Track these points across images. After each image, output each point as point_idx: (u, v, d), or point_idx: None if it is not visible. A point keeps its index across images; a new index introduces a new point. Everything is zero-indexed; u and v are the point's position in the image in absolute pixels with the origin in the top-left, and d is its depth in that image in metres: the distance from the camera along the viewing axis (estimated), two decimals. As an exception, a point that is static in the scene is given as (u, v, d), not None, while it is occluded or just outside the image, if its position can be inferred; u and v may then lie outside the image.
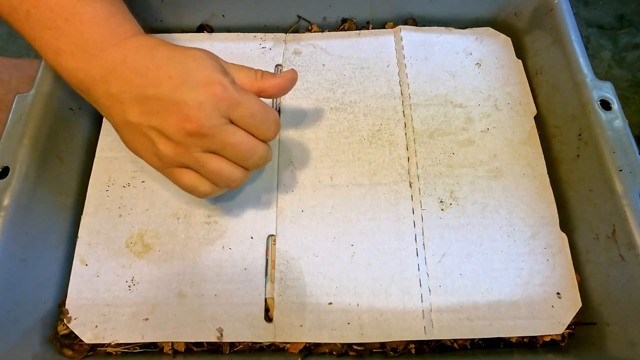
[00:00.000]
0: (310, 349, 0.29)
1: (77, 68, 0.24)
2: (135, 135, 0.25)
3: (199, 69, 0.24)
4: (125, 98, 0.24)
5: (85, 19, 0.24)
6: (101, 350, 0.28)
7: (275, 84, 0.27)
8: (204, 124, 0.23)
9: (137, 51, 0.24)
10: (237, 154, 0.25)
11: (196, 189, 0.26)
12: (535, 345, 0.29)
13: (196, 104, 0.23)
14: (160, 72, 0.23)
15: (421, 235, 0.31)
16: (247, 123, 0.25)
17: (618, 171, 0.29)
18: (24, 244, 0.28)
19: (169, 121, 0.23)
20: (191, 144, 0.24)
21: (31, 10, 0.24)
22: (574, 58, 0.33)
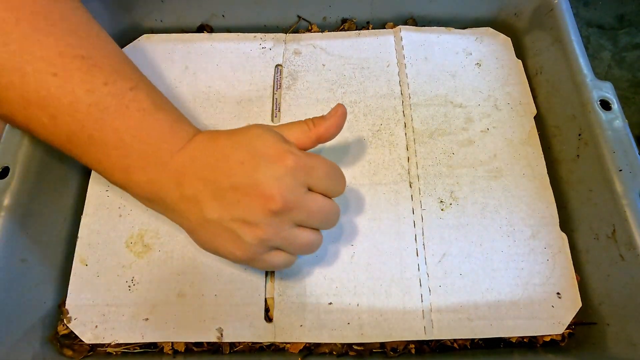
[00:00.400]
0: (310, 349, 0.29)
1: (149, 181, 0.24)
2: (216, 233, 0.24)
3: (265, 146, 0.23)
4: (202, 197, 0.23)
5: (152, 132, 0.24)
6: (101, 350, 0.28)
7: (330, 125, 0.26)
8: (288, 199, 0.22)
9: (202, 148, 0.24)
10: (321, 219, 0.25)
11: (286, 265, 0.26)
12: (535, 345, 0.29)
13: (275, 181, 0.22)
14: (230, 161, 0.23)
15: (421, 235, 0.31)
16: (323, 185, 0.24)
17: (618, 171, 0.29)
18: (24, 244, 0.28)
19: (252, 207, 0.23)
20: (279, 223, 0.23)
21: (94, 134, 0.23)
22: (574, 58, 0.33)
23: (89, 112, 0.23)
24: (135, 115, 0.24)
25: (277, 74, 0.38)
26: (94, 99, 0.23)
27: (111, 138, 0.23)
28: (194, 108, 0.36)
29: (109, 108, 0.23)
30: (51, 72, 0.22)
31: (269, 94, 0.37)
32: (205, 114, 0.36)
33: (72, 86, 0.22)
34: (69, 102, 0.22)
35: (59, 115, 0.23)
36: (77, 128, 0.23)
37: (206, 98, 0.36)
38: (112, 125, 0.23)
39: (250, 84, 0.37)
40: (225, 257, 0.25)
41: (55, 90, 0.22)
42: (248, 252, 0.24)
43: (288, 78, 0.37)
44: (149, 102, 0.25)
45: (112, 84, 0.23)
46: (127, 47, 0.39)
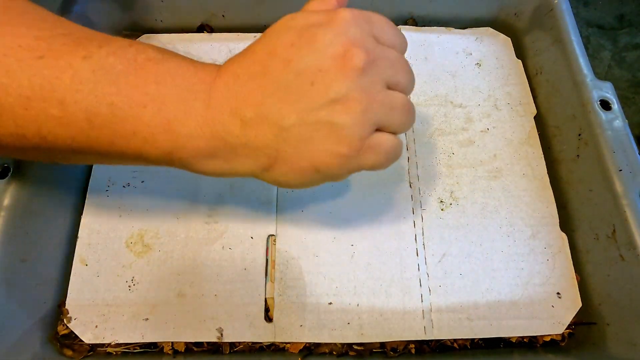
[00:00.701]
0: (310, 349, 0.29)
1: (200, 124, 0.20)
2: (306, 139, 0.19)
3: (305, 18, 0.20)
4: (267, 108, 0.19)
5: (176, 73, 0.20)
6: (101, 350, 0.28)
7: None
8: (367, 46, 0.19)
9: (238, 64, 0.20)
10: (405, 70, 0.21)
11: (397, 148, 0.21)
12: (535, 345, 0.29)
13: (343, 36, 0.18)
14: (278, 52, 0.19)
15: (421, 235, 0.31)
16: (388, 34, 0.21)
17: (618, 171, 0.29)
18: (24, 244, 0.28)
19: (331, 79, 0.18)
20: (369, 83, 0.19)
21: (114, 100, 0.19)
22: (574, 58, 0.33)
23: (96, 78, 0.19)
24: (148, 65, 0.20)
25: (277, 74, 0.38)
26: (96, 63, 0.19)
27: (134, 96, 0.19)
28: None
29: (115, 67, 0.19)
30: (36, 56, 0.19)
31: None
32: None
33: (66, 60, 0.19)
34: (70, 77, 0.19)
35: (67, 97, 0.19)
36: (93, 102, 0.19)
37: (206, 98, 0.36)
38: (128, 82, 0.19)
39: (250, 84, 0.37)
40: (330, 169, 0.20)
41: (49, 71, 0.19)
42: (353, 139, 0.19)
43: (288, 78, 0.37)
44: (156, 50, 0.21)
45: (107, 45, 0.20)
46: (127, 47, 0.39)
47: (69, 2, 0.35)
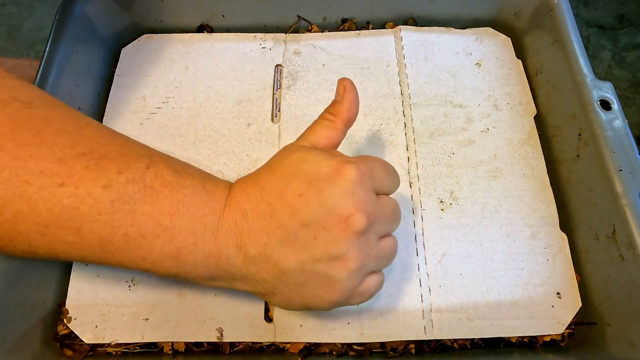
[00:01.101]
0: (310, 349, 0.29)
1: (206, 256, 0.21)
2: (301, 284, 0.21)
3: (315, 167, 0.21)
4: (270, 250, 0.20)
5: (189, 203, 0.21)
6: (101, 350, 0.28)
7: (349, 104, 0.24)
8: (369, 211, 0.20)
9: (247, 198, 0.21)
10: (396, 220, 0.23)
11: (380, 286, 0.23)
12: (535, 345, 0.29)
13: (349, 198, 0.20)
14: (286, 198, 0.20)
15: (421, 235, 0.31)
16: (387, 183, 0.22)
17: (618, 171, 0.29)
18: (24, 244, 0.28)
19: (333, 238, 0.20)
20: (366, 243, 0.21)
21: (129, 231, 0.20)
22: (574, 58, 0.33)
23: (114, 209, 0.20)
24: (164, 192, 0.21)
25: (277, 74, 0.38)
26: (115, 193, 0.20)
27: (149, 227, 0.20)
28: (194, 108, 0.36)
29: (133, 196, 0.20)
30: (57, 183, 0.19)
31: (269, 94, 0.37)
32: (205, 114, 0.36)
33: (86, 189, 0.19)
34: (89, 207, 0.19)
35: (84, 226, 0.20)
36: (108, 231, 0.20)
37: (206, 98, 0.36)
38: (144, 212, 0.20)
39: (250, 84, 0.37)
40: (317, 309, 0.22)
41: (69, 200, 0.19)
42: (345, 290, 0.21)
43: (288, 78, 0.37)
44: (171, 172, 0.22)
45: (126, 170, 0.20)
46: (127, 47, 0.39)
47: (69, 2, 0.35)
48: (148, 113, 0.36)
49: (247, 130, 0.35)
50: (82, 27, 0.35)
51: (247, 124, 0.35)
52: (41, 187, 0.19)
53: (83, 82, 0.35)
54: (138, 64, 0.38)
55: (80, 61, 0.35)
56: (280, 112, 0.36)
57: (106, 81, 0.37)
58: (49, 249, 0.20)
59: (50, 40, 0.33)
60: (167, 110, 0.36)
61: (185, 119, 0.35)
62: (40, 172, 0.19)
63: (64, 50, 0.33)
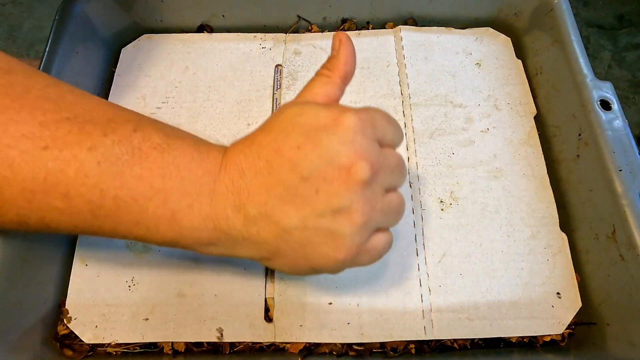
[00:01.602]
0: (310, 349, 0.29)
1: (203, 218, 0.20)
2: (305, 242, 0.20)
3: (313, 118, 0.20)
4: (270, 208, 0.19)
5: (181, 164, 0.20)
6: (101, 350, 0.28)
7: (345, 57, 0.22)
8: (372, 159, 0.19)
9: (244, 157, 0.20)
10: (401, 173, 0.21)
11: (389, 245, 0.22)
12: (535, 345, 0.29)
13: (350, 146, 0.18)
14: (284, 153, 0.19)
15: (421, 235, 0.31)
16: (389, 133, 0.21)
17: (618, 171, 0.29)
18: (24, 245, 0.28)
19: (336, 189, 0.19)
20: (371, 195, 0.19)
21: (119, 193, 0.19)
22: (574, 58, 0.33)
23: (101, 171, 0.19)
24: (153, 154, 0.20)
25: (277, 74, 0.38)
26: (101, 155, 0.19)
27: (139, 189, 0.19)
28: (194, 108, 0.36)
29: (120, 158, 0.19)
30: (40, 146, 0.18)
31: (269, 94, 0.37)
32: (205, 114, 0.36)
33: (71, 151, 0.19)
34: (75, 170, 0.19)
35: (71, 190, 0.19)
36: (97, 195, 0.19)
37: (206, 98, 0.36)
38: (133, 174, 0.19)
39: (250, 84, 0.37)
40: (325, 270, 0.21)
41: (54, 163, 0.18)
42: (352, 247, 0.20)
43: (288, 78, 0.37)
44: (161, 135, 0.21)
45: (112, 133, 0.20)
46: (127, 47, 0.39)
47: (69, 2, 0.35)
48: (148, 113, 0.36)
49: (247, 130, 0.35)
50: (82, 27, 0.35)
51: (247, 124, 0.35)
52: (24, 150, 0.18)
53: (83, 82, 0.35)
54: (138, 64, 0.38)
55: (80, 61, 0.35)
56: (280, 112, 0.36)
57: (106, 81, 0.37)
58: (38, 217, 0.20)
59: (50, 40, 0.33)
60: (167, 110, 0.36)
61: (185, 119, 0.35)
62: (22, 136, 0.18)
63: (64, 50, 0.33)
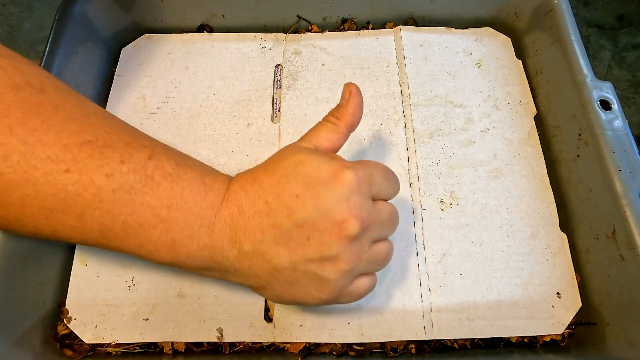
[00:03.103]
0: (310, 349, 0.29)
1: (201, 248, 0.22)
2: (292, 281, 0.22)
3: (314, 170, 0.21)
4: (264, 247, 0.21)
5: (187, 196, 0.21)
6: (101, 350, 0.28)
7: (353, 108, 0.24)
8: (363, 217, 0.21)
9: (246, 195, 0.22)
10: (391, 227, 0.23)
11: (372, 288, 0.24)
12: (535, 345, 0.29)
13: (344, 203, 0.20)
14: (284, 198, 0.21)
15: (421, 235, 0.31)
16: (385, 190, 0.23)
17: (618, 171, 0.29)
18: (24, 244, 0.28)
19: (326, 240, 0.20)
20: (359, 247, 0.21)
21: (128, 219, 0.21)
22: (574, 58, 0.33)
23: (115, 198, 0.20)
24: (164, 184, 0.21)
25: (277, 74, 0.38)
26: (117, 182, 0.20)
27: (147, 217, 0.21)
28: (194, 108, 0.36)
29: (134, 186, 0.21)
30: (63, 169, 0.20)
31: (269, 94, 0.37)
32: (205, 114, 0.36)
33: (90, 176, 0.20)
34: (92, 195, 0.20)
35: (86, 212, 0.20)
36: (109, 219, 0.21)
37: (206, 98, 0.36)
38: (144, 203, 0.21)
39: (250, 84, 0.37)
40: (306, 305, 0.23)
41: (73, 187, 0.20)
42: (334, 290, 0.21)
43: (288, 78, 0.37)
44: (172, 164, 0.22)
45: (129, 160, 0.21)
46: (127, 47, 0.39)
47: (69, 2, 0.35)
48: (148, 113, 0.36)
49: (247, 130, 0.35)
50: (82, 27, 0.35)
51: (247, 124, 0.35)
52: (47, 172, 0.20)
53: (83, 82, 0.35)
54: (138, 64, 0.38)
55: (80, 61, 0.35)
56: (280, 112, 0.36)
57: (106, 81, 0.37)
58: (52, 231, 0.21)
59: (50, 40, 0.33)
60: (167, 110, 0.36)
61: (185, 119, 0.35)
62: (47, 158, 0.20)
63: (64, 50, 0.33)
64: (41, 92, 0.21)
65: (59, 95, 0.22)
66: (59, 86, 0.23)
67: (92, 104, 0.23)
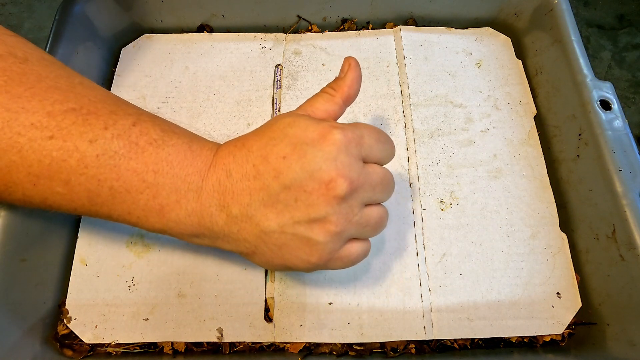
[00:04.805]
0: (310, 349, 0.29)
1: (189, 214, 0.22)
2: (281, 245, 0.21)
3: (302, 131, 0.21)
4: (252, 210, 0.21)
5: (174, 161, 0.21)
6: (101, 350, 0.28)
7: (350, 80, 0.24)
8: (352, 177, 0.20)
9: (234, 159, 0.22)
10: (384, 190, 0.22)
11: (364, 254, 0.23)
12: (535, 345, 0.29)
13: (331, 163, 0.20)
14: (270, 160, 0.20)
15: (421, 235, 0.31)
16: (376, 152, 0.22)
17: (618, 171, 0.29)
18: (24, 244, 0.28)
19: (314, 201, 0.20)
20: (348, 208, 0.21)
21: (114, 185, 0.21)
22: (574, 58, 0.33)
23: (99, 163, 0.20)
24: (149, 150, 0.21)
25: (277, 74, 0.38)
26: (100, 148, 0.20)
27: (133, 182, 0.21)
28: (194, 108, 0.36)
29: (118, 152, 0.21)
30: (47, 136, 0.20)
31: (269, 94, 0.37)
32: (205, 114, 0.36)
33: (73, 142, 0.20)
34: (76, 161, 0.20)
35: (72, 178, 0.21)
36: (95, 185, 0.21)
37: (206, 98, 0.36)
38: (129, 168, 0.21)
39: (250, 84, 0.37)
40: (298, 269, 0.22)
41: (58, 153, 0.20)
42: (324, 253, 0.21)
43: (288, 78, 0.37)
44: (158, 130, 0.22)
45: (112, 126, 0.21)
46: (127, 47, 0.39)
47: (69, 2, 0.35)
48: (148, 113, 0.36)
49: (247, 130, 0.35)
50: (82, 27, 0.35)
51: (247, 124, 0.35)
52: (32, 139, 0.20)
53: (83, 82, 0.35)
54: (138, 64, 0.38)
55: (80, 61, 0.35)
56: (280, 112, 0.36)
57: (106, 81, 0.37)
58: (41, 199, 0.21)
59: (50, 40, 0.33)
60: (167, 110, 0.36)
61: (185, 119, 0.35)
62: (30, 125, 0.20)
63: (64, 50, 0.33)
64: (24, 62, 0.21)
65: (43, 66, 0.22)
66: (45, 57, 0.23)
67: (78, 75, 0.23)
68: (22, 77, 0.20)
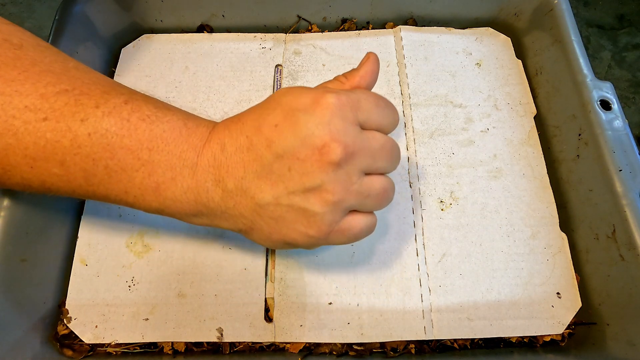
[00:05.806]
0: (310, 349, 0.29)
1: (185, 190, 0.21)
2: (278, 218, 0.21)
3: (296, 97, 0.20)
4: (246, 183, 0.20)
5: (168, 137, 0.21)
6: (101, 350, 0.28)
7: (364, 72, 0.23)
8: (346, 142, 0.19)
9: (229, 133, 0.21)
10: (386, 158, 0.21)
11: (369, 228, 0.22)
12: (535, 345, 0.29)
13: (324, 127, 0.19)
14: (263, 130, 0.20)
15: (421, 235, 0.31)
16: (375, 118, 0.21)
17: (618, 171, 0.29)
18: (24, 244, 0.28)
19: (307, 168, 0.19)
20: (345, 176, 0.20)
21: (109, 163, 0.21)
22: (574, 58, 0.33)
23: (92, 142, 0.20)
24: (142, 126, 0.21)
25: (277, 74, 0.38)
26: (92, 126, 0.20)
27: (128, 160, 0.21)
28: (194, 108, 0.36)
29: (110, 129, 0.20)
30: (41, 118, 0.20)
31: (269, 94, 0.37)
32: (205, 114, 0.36)
33: (66, 123, 0.20)
34: (70, 141, 0.20)
35: (67, 159, 0.20)
36: (90, 164, 0.21)
37: (206, 98, 0.36)
38: (123, 146, 0.21)
39: (250, 84, 0.37)
40: (298, 245, 0.22)
41: (52, 134, 0.20)
42: (322, 225, 0.20)
43: (288, 78, 0.37)
44: (151, 107, 0.22)
45: (104, 105, 0.21)
46: (127, 47, 0.39)
47: (69, 2, 0.35)
48: (148, 113, 0.36)
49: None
50: (82, 27, 0.35)
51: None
52: (26, 121, 0.20)
53: (83, 82, 0.35)
54: (138, 64, 0.38)
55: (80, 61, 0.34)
56: (280, 112, 0.36)
57: (106, 81, 0.37)
58: (40, 181, 0.21)
59: (50, 40, 0.33)
60: (167, 110, 0.36)
61: (185, 119, 0.35)
62: (24, 107, 0.20)
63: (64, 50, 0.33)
64: (19, 48, 0.21)
65: (39, 51, 0.22)
66: (41, 44, 0.23)
67: (73, 60, 0.23)
68: (17, 62, 0.20)
